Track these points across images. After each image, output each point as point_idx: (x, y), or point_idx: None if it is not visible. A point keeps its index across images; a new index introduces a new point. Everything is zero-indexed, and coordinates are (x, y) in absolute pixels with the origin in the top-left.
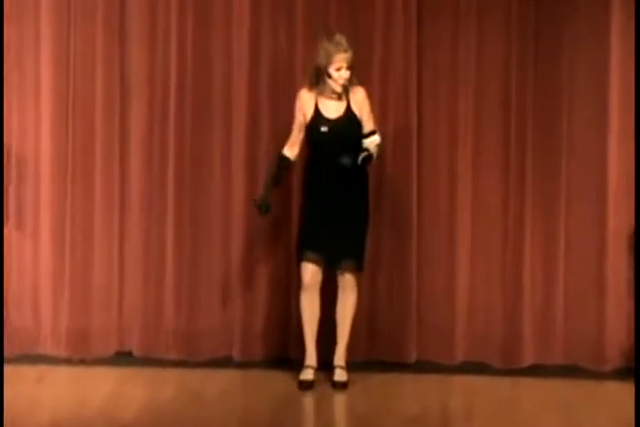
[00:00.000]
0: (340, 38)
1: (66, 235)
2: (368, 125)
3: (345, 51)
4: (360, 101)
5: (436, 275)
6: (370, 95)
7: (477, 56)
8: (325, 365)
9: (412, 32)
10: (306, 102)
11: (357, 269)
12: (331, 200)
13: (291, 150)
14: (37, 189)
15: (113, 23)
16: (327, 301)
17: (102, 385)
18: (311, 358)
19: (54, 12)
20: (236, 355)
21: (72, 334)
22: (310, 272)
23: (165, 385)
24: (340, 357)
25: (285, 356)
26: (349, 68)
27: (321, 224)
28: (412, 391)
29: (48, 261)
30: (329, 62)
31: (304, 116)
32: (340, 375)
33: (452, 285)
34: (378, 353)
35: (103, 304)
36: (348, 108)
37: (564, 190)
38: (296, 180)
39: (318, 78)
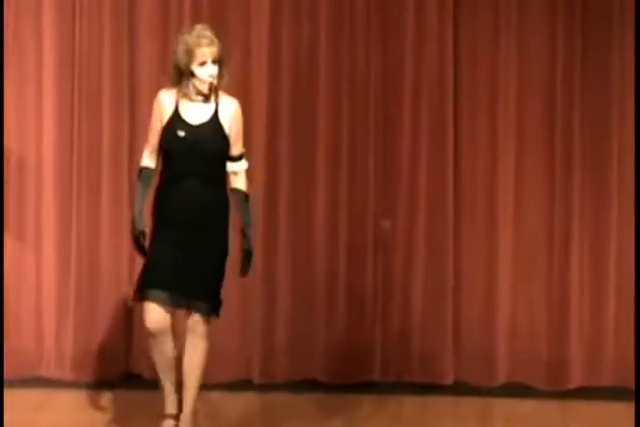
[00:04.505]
0: (202, 29)
1: (71, 246)
2: (237, 147)
3: (208, 44)
4: (232, 114)
5: (475, 291)
6: (401, 98)
7: (519, 53)
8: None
9: (448, 28)
10: (164, 104)
11: (209, 313)
12: (183, 225)
13: (150, 160)
14: (39, 196)
15: (121, 20)
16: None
17: (110, 410)
18: (171, 406)
19: (58, 10)
20: (256, 377)
21: (78, 355)
22: (155, 315)
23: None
24: (185, 420)
25: (310, 377)
26: (216, 62)
27: (169, 254)
28: (450, 415)
29: (51, 275)
30: (190, 58)
31: (161, 119)
32: None
33: (493, 301)
34: (411, 374)
35: (111, 323)
36: (216, 115)
37: (616, 204)
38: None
39: (180, 79)
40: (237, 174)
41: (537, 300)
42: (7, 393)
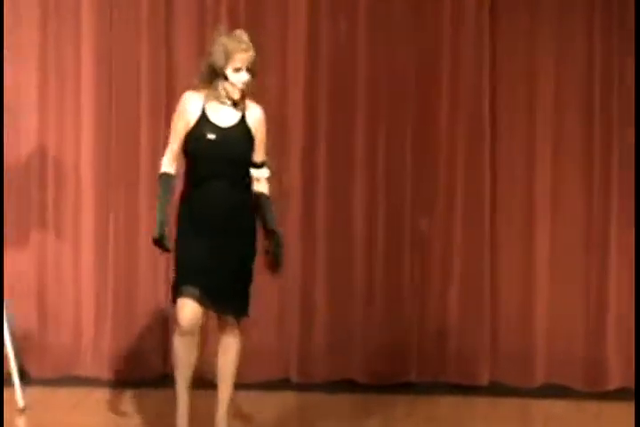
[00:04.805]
0: (241, 34)
1: (109, 246)
2: (260, 154)
3: (246, 50)
4: (258, 121)
5: (512, 291)
6: (438, 98)
7: (557, 54)
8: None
9: (485, 29)
10: (191, 105)
11: (241, 315)
12: (210, 228)
13: (171, 166)
14: (78, 195)
15: (158, 22)
16: None
17: (146, 409)
18: (183, 408)
19: (95, 12)
20: (294, 377)
21: (115, 354)
22: (189, 312)
23: (214, 409)
24: (220, 420)
25: (347, 377)
26: (250, 70)
27: (200, 257)
28: (486, 416)
29: (89, 273)
30: (227, 62)
31: (187, 122)
32: None
33: (530, 301)
34: (448, 374)
35: (149, 322)
36: (243, 120)
37: None
38: None
39: (212, 80)
40: (259, 180)
41: (574, 300)
42: (44, 392)
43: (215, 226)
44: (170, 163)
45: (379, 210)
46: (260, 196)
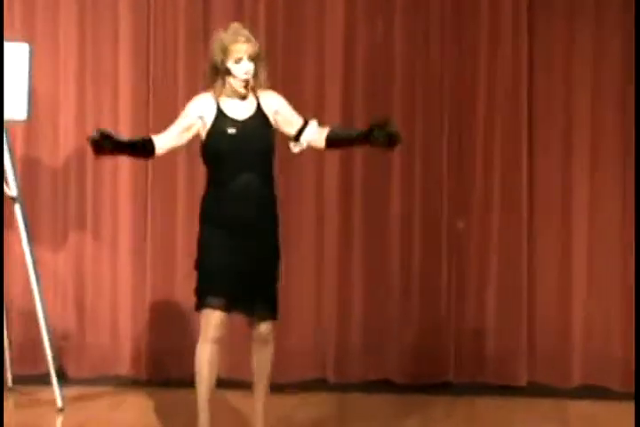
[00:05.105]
0: (238, 27)
1: (146, 246)
2: (297, 119)
3: (244, 41)
4: (275, 101)
5: (550, 291)
6: (475, 99)
7: (594, 55)
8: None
9: (523, 30)
10: (203, 104)
11: (273, 318)
12: (239, 226)
13: (160, 140)
14: (116, 197)
15: (196, 21)
16: None
17: (183, 410)
18: (204, 418)
19: (133, 10)
20: (330, 377)
21: (153, 353)
22: (215, 323)
23: (251, 410)
24: (258, 422)
25: (384, 378)
26: (252, 59)
27: (226, 261)
28: (524, 417)
29: (127, 274)
30: (226, 55)
31: (198, 119)
32: None
33: (567, 302)
34: (485, 375)
35: (186, 321)
36: (259, 108)
37: None
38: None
39: (216, 77)
40: (318, 133)
41: (611, 300)
42: (82, 391)
43: (243, 224)
44: (161, 138)
45: (415, 211)
46: (329, 133)
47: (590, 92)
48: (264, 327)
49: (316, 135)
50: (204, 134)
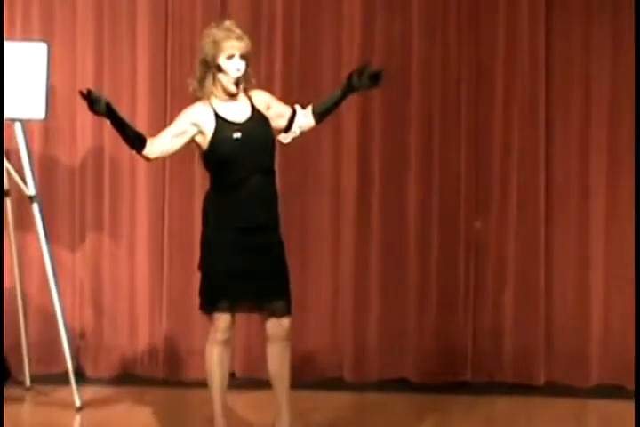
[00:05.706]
0: (231, 25)
1: (163, 245)
2: (285, 109)
3: (237, 38)
4: (264, 96)
5: (567, 290)
6: (493, 99)
7: (612, 53)
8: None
9: (540, 29)
10: (198, 112)
11: (288, 314)
12: (249, 226)
13: (151, 141)
14: (133, 197)
15: (213, 20)
16: None
17: (200, 409)
18: (220, 417)
19: (151, 15)
20: (348, 376)
21: (170, 353)
22: (224, 326)
23: (270, 409)
24: (284, 421)
25: (401, 377)
26: (244, 57)
27: (234, 262)
28: (542, 416)
29: (144, 274)
30: (218, 51)
31: (192, 126)
32: None
33: (585, 301)
34: (503, 374)
35: (203, 321)
36: (254, 108)
37: None
38: None
39: (205, 75)
40: (306, 115)
41: (629, 299)
42: (100, 391)
43: (258, 223)
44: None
45: (433, 211)
46: (314, 109)
47: (608, 89)
48: (282, 324)
49: (305, 118)
50: (205, 142)
